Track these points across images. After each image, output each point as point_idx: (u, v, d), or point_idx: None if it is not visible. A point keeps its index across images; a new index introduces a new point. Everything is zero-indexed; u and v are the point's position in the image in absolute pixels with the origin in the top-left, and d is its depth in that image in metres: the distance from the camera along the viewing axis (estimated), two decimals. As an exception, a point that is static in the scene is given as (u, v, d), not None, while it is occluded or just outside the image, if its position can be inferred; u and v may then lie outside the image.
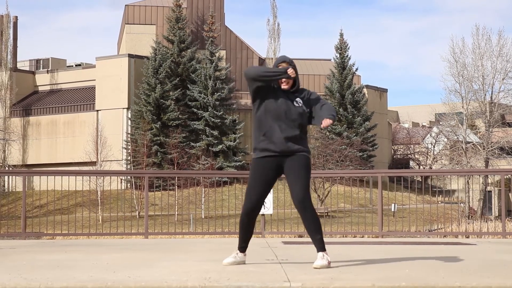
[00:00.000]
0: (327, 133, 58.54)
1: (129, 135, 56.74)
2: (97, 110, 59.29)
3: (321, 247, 6.64)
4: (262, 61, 64.61)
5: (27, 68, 68.60)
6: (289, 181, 6.77)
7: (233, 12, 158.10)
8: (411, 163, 74.47)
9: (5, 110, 61.04)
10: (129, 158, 55.59)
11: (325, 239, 6.81)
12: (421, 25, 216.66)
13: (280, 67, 6.83)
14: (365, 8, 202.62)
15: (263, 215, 13.27)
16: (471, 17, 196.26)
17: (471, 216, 48.62)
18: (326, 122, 6.61)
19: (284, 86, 6.81)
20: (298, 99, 6.82)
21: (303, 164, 6.77)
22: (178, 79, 58.65)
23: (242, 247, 6.91)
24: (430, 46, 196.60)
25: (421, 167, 71.79)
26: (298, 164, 6.75)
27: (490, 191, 56.48)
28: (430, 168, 67.86)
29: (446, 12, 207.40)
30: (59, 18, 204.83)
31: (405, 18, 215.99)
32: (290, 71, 6.68)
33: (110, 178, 50.36)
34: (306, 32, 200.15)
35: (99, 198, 47.33)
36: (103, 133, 56.20)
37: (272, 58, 62.01)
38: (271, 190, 7.20)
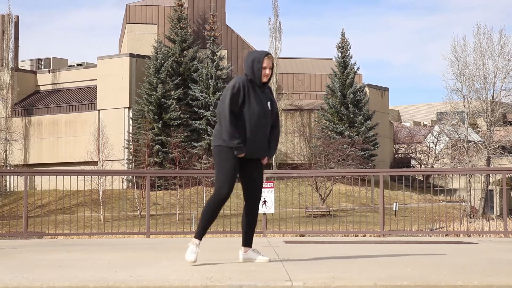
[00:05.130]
0: (329, 132, 58.53)
1: (130, 135, 56.76)
2: (99, 110, 59.31)
3: (251, 242, 6.98)
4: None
5: (29, 68, 68.63)
6: (250, 184, 6.90)
7: (234, 11, 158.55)
8: (413, 162, 74.42)
9: (6, 109, 61.05)
10: (130, 157, 55.61)
11: (327, 238, 6.82)
12: (426, 24, 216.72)
13: (264, 60, 6.84)
14: (370, 7, 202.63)
15: (264, 214, 13.21)
16: (476, 16, 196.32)
17: (473, 215, 48.60)
18: (264, 161, 6.94)
19: (265, 79, 6.87)
20: (269, 101, 6.89)
21: (263, 170, 7.05)
22: (179, 78, 58.70)
23: (202, 235, 6.85)
24: (434, 44, 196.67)
25: (423, 166, 71.75)
26: (261, 171, 6.99)
27: (492, 190, 56.42)
28: (432, 167, 67.82)
29: (450, 10, 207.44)
30: (60, 18, 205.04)
31: (410, 17, 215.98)
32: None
33: (112, 177, 50.43)
34: (310, 31, 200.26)
35: (100, 198, 47.38)
36: (104, 132, 56.23)
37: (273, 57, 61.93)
38: (272, 190, 7.23)
